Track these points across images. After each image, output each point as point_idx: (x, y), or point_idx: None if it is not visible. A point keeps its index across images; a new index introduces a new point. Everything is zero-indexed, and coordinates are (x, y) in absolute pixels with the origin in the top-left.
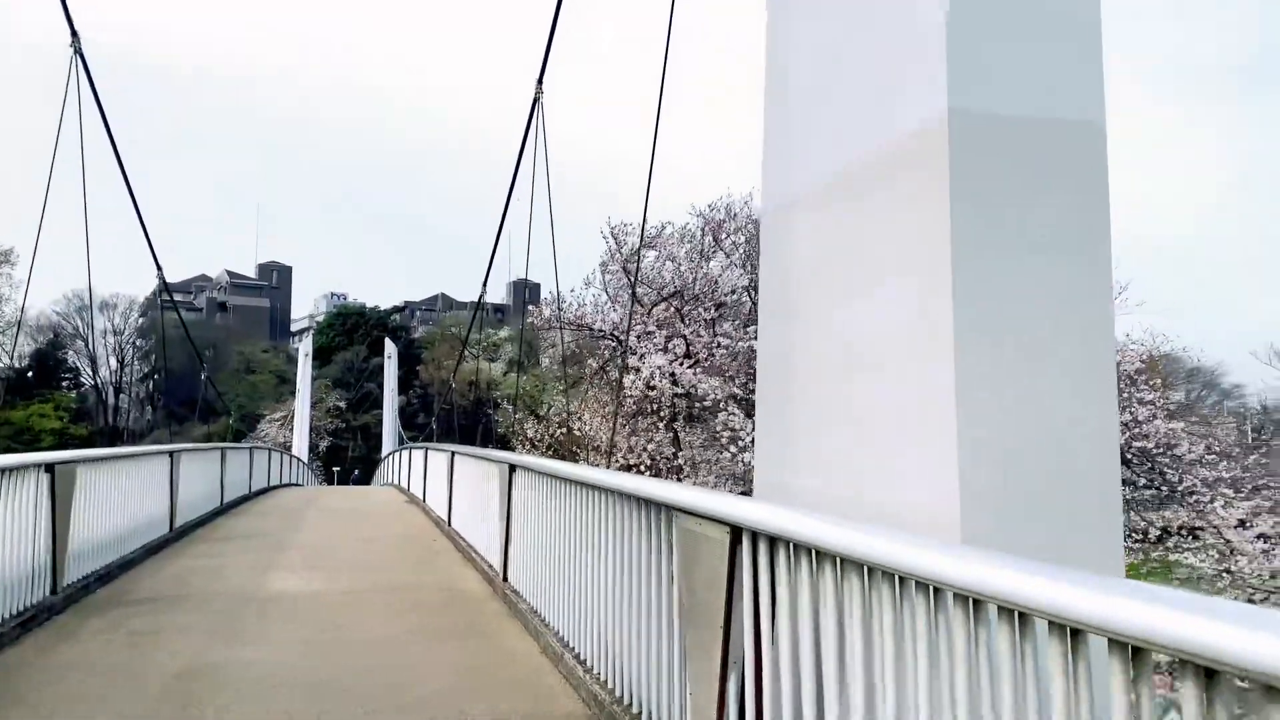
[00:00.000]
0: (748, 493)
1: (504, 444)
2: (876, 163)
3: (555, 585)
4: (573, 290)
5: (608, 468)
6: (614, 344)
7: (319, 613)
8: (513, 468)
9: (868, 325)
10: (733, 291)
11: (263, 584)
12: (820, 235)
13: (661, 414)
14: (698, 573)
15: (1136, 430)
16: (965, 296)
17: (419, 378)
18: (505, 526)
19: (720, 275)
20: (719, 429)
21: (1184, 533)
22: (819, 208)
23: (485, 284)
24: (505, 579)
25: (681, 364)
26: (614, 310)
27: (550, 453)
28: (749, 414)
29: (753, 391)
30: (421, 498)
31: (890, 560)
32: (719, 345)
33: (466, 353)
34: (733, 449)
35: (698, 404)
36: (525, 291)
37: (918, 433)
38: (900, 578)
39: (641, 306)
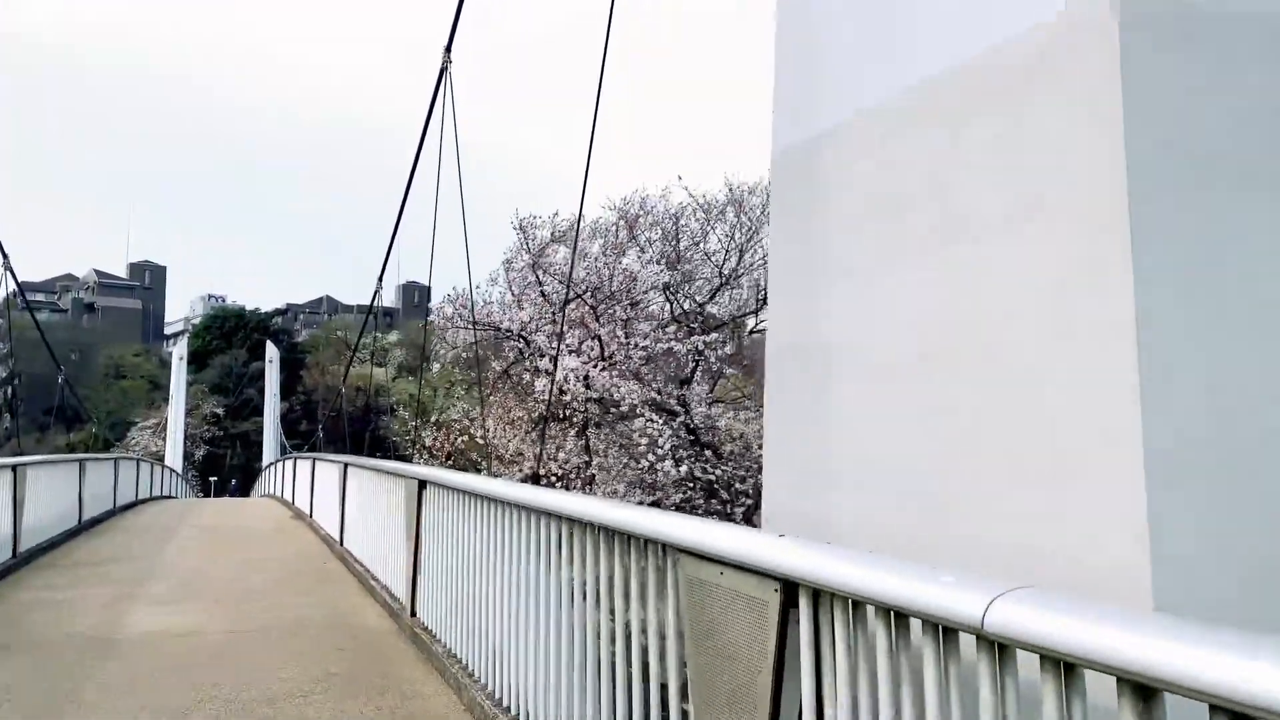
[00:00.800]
0: (658, 504)
1: (396, 453)
2: (992, 66)
3: (486, 631)
4: (477, 287)
5: (510, 478)
6: (522, 345)
7: (193, 663)
8: (423, 484)
9: (964, 288)
10: (651, 290)
11: (121, 623)
12: (884, 175)
13: (574, 420)
14: (723, 643)
15: None
16: (1148, 244)
17: (303, 383)
18: (414, 553)
19: (639, 272)
20: (636, 436)
21: None
22: (882, 139)
23: (381, 279)
24: (414, 614)
25: (596, 366)
26: (521, 309)
27: (450, 462)
28: (668, 420)
29: (670, 396)
30: (308, 512)
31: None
32: (636, 346)
33: (355, 357)
34: (650, 457)
35: (613, 409)
36: (415, 294)
37: (1063, 440)
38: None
39: (551, 305)
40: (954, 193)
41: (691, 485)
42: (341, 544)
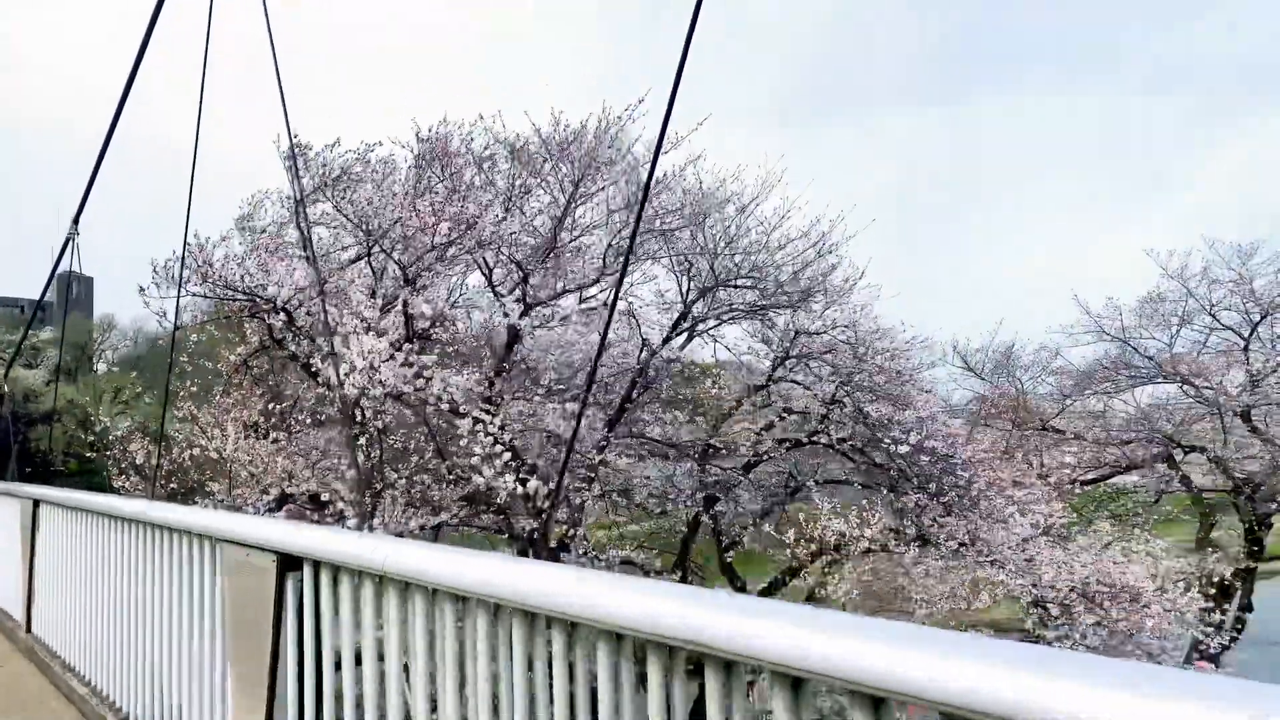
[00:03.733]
0: (504, 532)
1: (44, 468)
2: None
3: (96, 633)
4: (203, 244)
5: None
6: (285, 320)
7: None
8: (37, 503)
9: None
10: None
11: None
12: None
13: (368, 425)
14: (246, 603)
15: None
16: None
17: None
18: (29, 570)
19: (480, 218)
20: (466, 442)
21: None
22: None
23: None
24: (29, 630)
25: (407, 348)
26: (289, 268)
27: (173, 487)
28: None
29: (507, 393)
30: None
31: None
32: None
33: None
34: (487, 471)
35: (430, 407)
36: (73, 286)
37: None
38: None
39: (329, 264)
40: None
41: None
42: None
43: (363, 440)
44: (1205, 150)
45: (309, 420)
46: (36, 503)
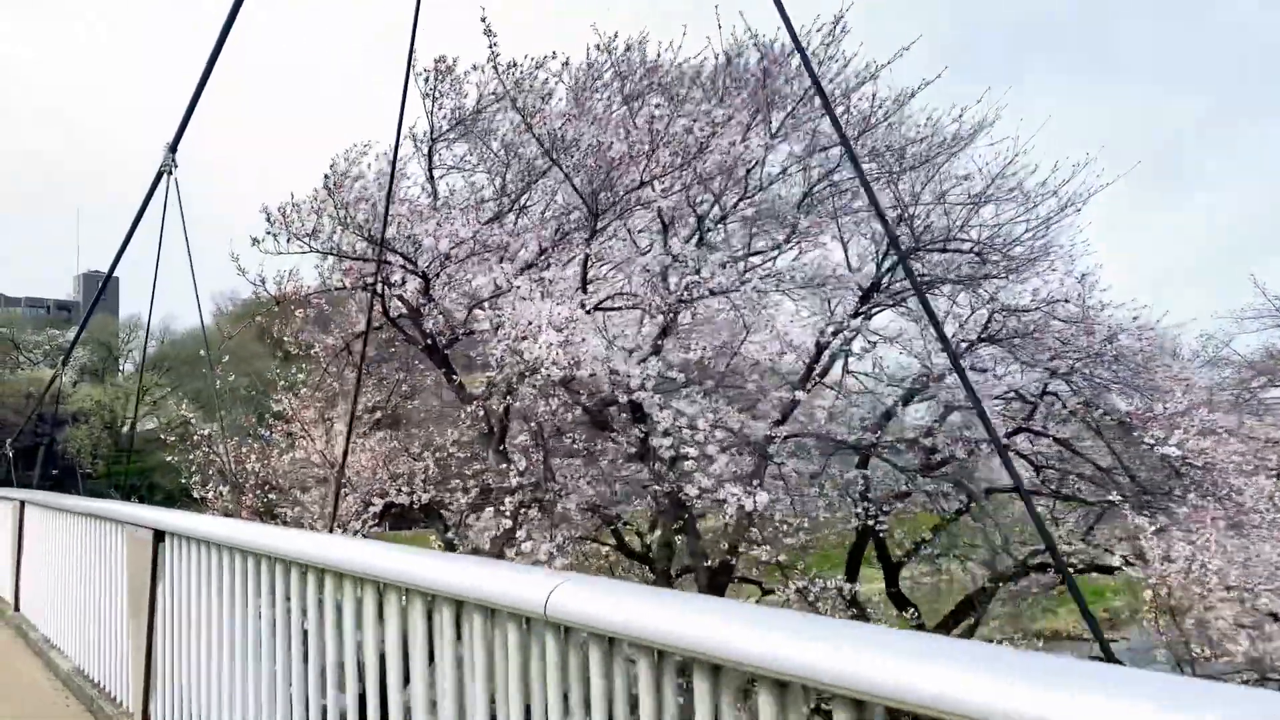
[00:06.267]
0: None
1: (71, 472)
2: None
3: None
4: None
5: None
6: (420, 288)
7: None
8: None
9: None
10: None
11: None
12: None
13: (535, 417)
14: (136, 570)
15: None
16: None
17: None
18: (17, 560)
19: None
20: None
21: None
22: None
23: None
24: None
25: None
26: (448, 215)
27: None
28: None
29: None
30: None
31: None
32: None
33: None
34: (704, 481)
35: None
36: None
37: None
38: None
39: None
40: None
41: None
42: None
43: (522, 438)
44: None
45: (431, 413)
46: (23, 504)
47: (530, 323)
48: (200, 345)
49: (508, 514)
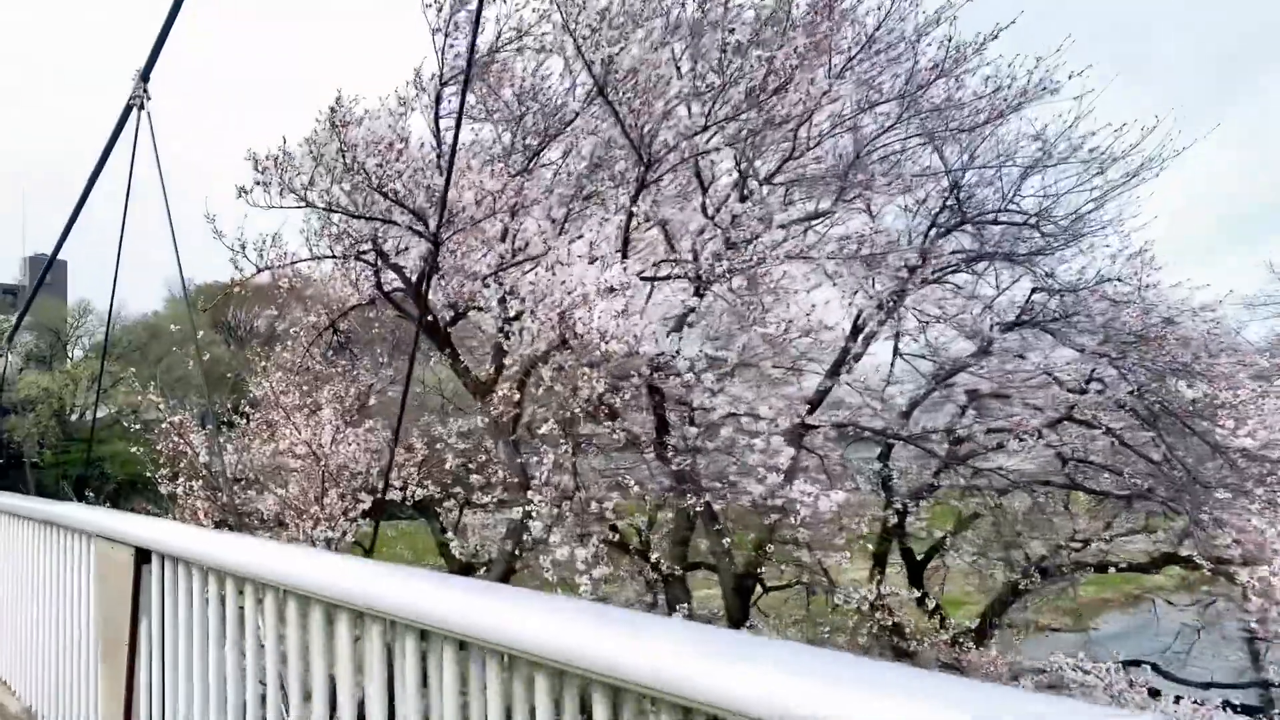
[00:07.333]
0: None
1: (16, 460)
2: None
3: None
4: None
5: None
6: (429, 254)
7: None
8: None
9: None
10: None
11: None
12: None
13: (568, 406)
14: (110, 600)
15: None
16: None
17: None
18: None
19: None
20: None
21: None
22: None
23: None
24: None
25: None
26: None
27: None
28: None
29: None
30: None
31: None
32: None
33: None
34: (772, 479)
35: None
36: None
37: None
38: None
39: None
40: None
41: None
42: None
43: (546, 427)
44: None
45: (426, 402)
46: None
47: (573, 291)
48: (152, 332)
49: (535, 515)
